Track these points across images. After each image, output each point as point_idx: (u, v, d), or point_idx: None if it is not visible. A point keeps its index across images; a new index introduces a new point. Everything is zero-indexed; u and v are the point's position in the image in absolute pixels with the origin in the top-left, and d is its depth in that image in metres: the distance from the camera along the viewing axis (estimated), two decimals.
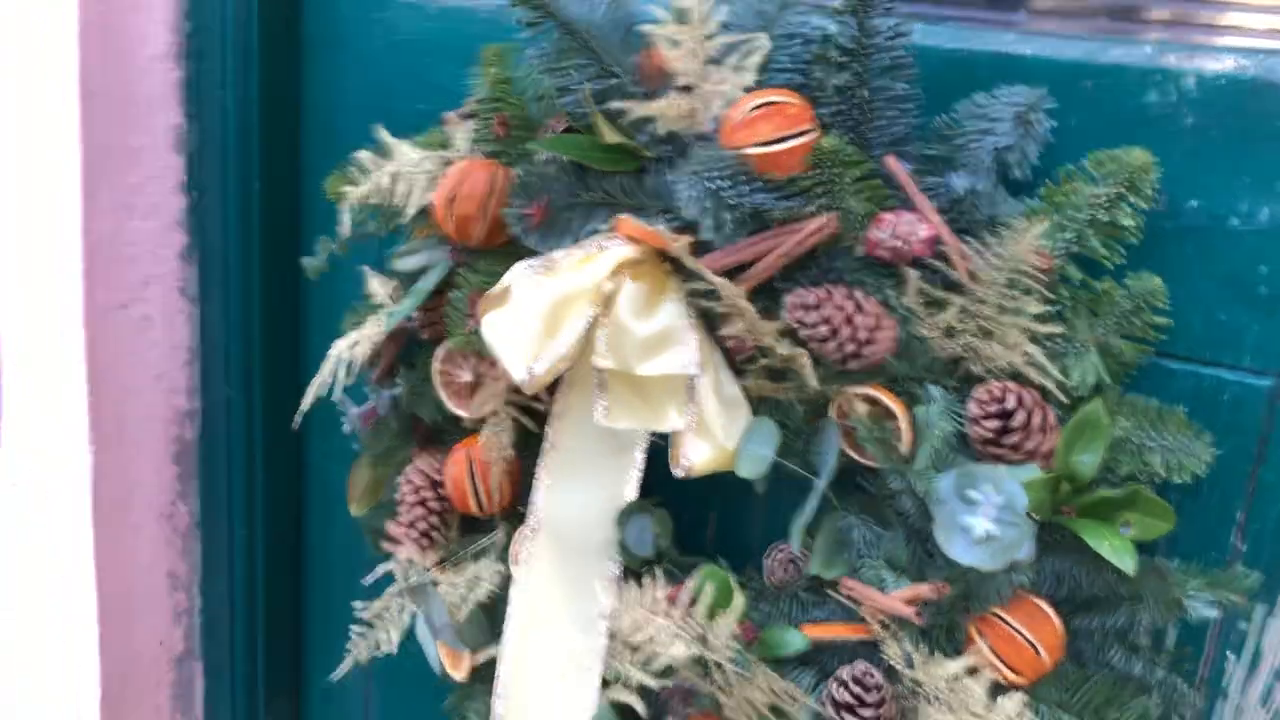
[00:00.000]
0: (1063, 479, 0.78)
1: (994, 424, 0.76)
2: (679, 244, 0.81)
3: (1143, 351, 0.79)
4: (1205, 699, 0.85)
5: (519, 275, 0.84)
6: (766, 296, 0.82)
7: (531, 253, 0.89)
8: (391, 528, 1.08)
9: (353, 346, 1.04)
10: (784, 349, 0.81)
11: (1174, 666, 0.84)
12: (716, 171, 0.79)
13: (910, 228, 0.77)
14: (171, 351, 1.25)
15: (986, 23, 0.87)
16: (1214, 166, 0.79)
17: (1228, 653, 0.84)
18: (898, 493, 0.81)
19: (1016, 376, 0.78)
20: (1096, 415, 0.77)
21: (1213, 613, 0.75)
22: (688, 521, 1.02)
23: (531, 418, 0.99)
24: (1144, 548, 0.81)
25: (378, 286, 1.04)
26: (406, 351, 1.05)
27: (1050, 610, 0.81)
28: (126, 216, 1.17)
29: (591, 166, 0.85)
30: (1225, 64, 0.78)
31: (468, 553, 1.04)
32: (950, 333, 0.78)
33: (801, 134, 0.79)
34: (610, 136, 0.83)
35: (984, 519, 0.72)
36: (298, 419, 1.18)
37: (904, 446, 0.80)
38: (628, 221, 0.83)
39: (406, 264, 1.01)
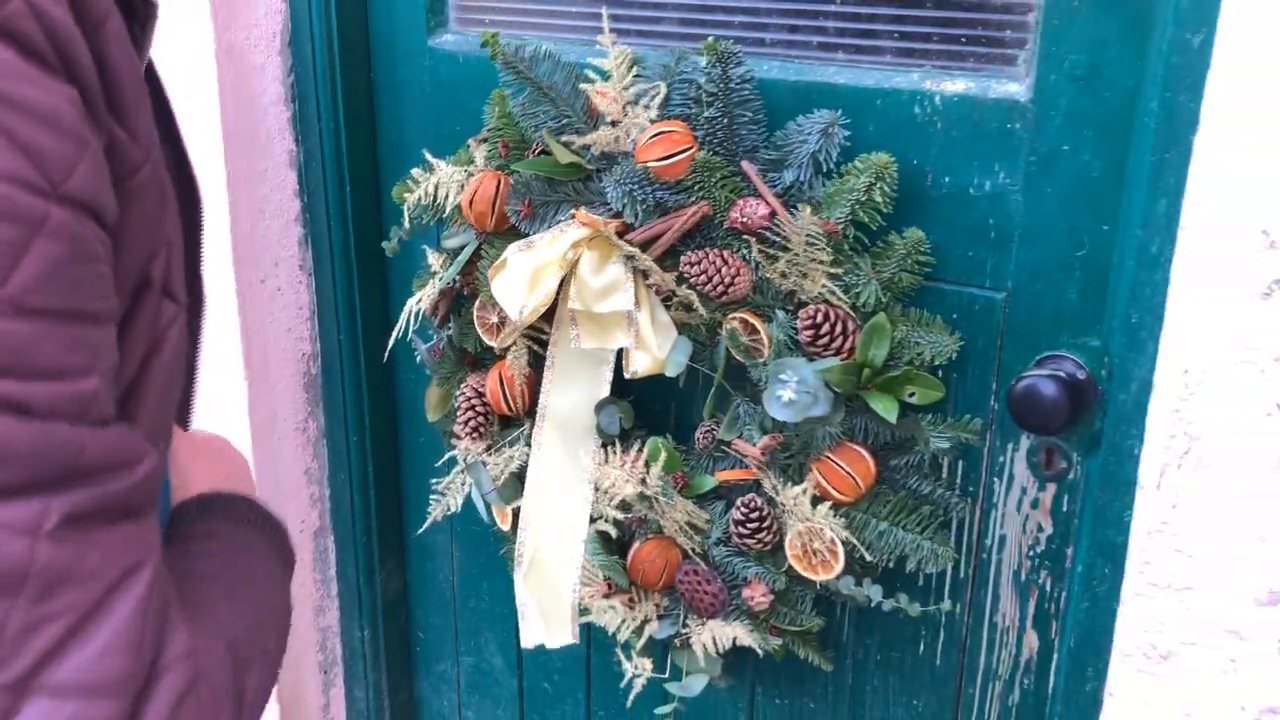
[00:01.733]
0: (863, 366, 1.18)
1: (810, 333, 1.17)
2: (611, 226, 1.23)
3: (917, 280, 1.19)
4: (983, 510, 1.26)
5: (511, 251, 1.28)
6: (670, 257, 1.24)
7: (525, 235, 1.32)
8: (455, 427, 1.52)
9: (419, 301, 1.48)
10: (680, 290, 1.23)
11: (962, 489, 1.25)
12: (631, 179, 1.21)
13: (755, 208, 1.18)
14: (297, 311, 1.70)
15: (817, 60, 1.25)
16: (957, 155, 1.17)
17: (994, 477, 1.24)
18: (759, 380, 1.23)
19: (827, 301, 1.19)
20: (882, 323, 1.17)
21: (946, 445, 1.16)
22: (656, 410, 1.45)
23: (539, 345, 1.43)
24: (931, 409, 1.22)
25: (433, 259, 1.46)
26: (455, 303, 1.45)
27: (865, 452, 1.22)
28: (259, 217, 1.62)
29: (555, 177, 1.27)
30: (959, 86, 1.17)
31: (505, 440, 1.48)
32: (784, 275, 1.18)
33: (684, 151, 1.19)
34: (565, 157, 1.25)
35: (788, 390, 1.14)
36: (386, 354, 1.64)
37: (765, 350, 1.22)
38: (581, 212, 1.26)
39: (451, 243, 1.44)
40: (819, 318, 1.16)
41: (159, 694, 0.57)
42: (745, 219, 1.18)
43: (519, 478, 1.45)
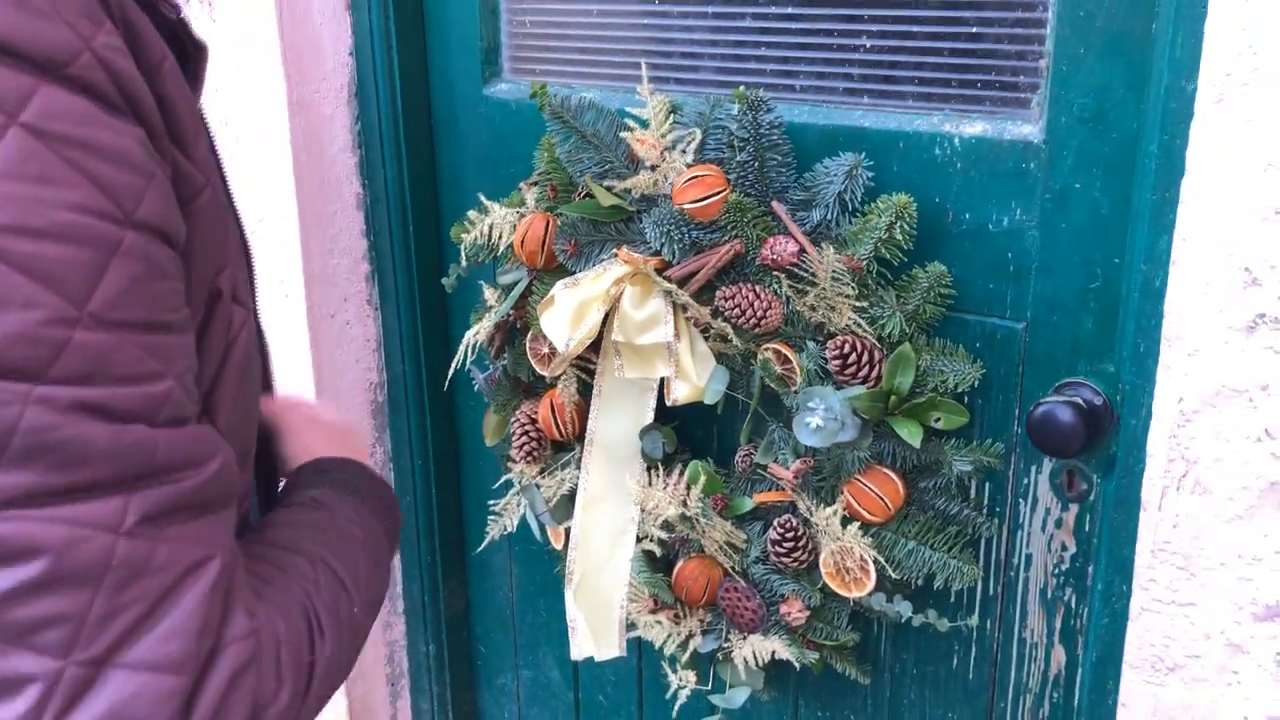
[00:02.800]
0: (890, 393, 1.25)
1: (839, 362, 1.24)
2: (650, 264, 1.32)
3: (941, 311, 1.25)
4: (1010, 530, 1.32)
5: (559, 288, 1.37)
6: (706, 292, 1.32)
7: (572, 272, 1.41)
8: (510, 452, 1.61)
9: (476, 334, 1.58)
10: (716, 323, 1.31)
11: (989, 510, 1.31)
12: (669, 220, 1.30)
13: (784, 246, 1.26)
14: (365, 343, 1.82)
15: (844, 104, 1.33)
16: (976, 193, 1.24)
17: (1020, 498, 1.30)
18: (792, 407, 1.30)
19: (854, 332, 1.26)
20: (907, 352, 1.24)
21: (968, 468, 1.22)
22: (697, 435, 1.53)
23: (587, 374, 1.52)
24: (957, 434, 1.28)
25: (489, 294, 1.56)
26: (509, 335, 1.56)
27: (894, 474, 1.28)
28: (329, 256, 1.74)
29: (599, 219, 1.36)
30: (977, 128, 1.23)
31: (557, 463, 1.57)
32: (813, 308, 1.26)
33: (718, 193, 1.27)
34: (607, 200, 1.34)
35: (816, 418, 1.21)
36: (447, 383, 1.74)
37: (797, 379, 1.30)
38: (623, 251, 1.35)
39: (505, 279, 1.53)
40: (846, 348, 1.23)
41: (217, 670, 0.65)
42: (776, 256, 1.25)
43: (570, 499, 1.53)
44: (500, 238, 1.48)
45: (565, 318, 1.34)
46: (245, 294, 0.83)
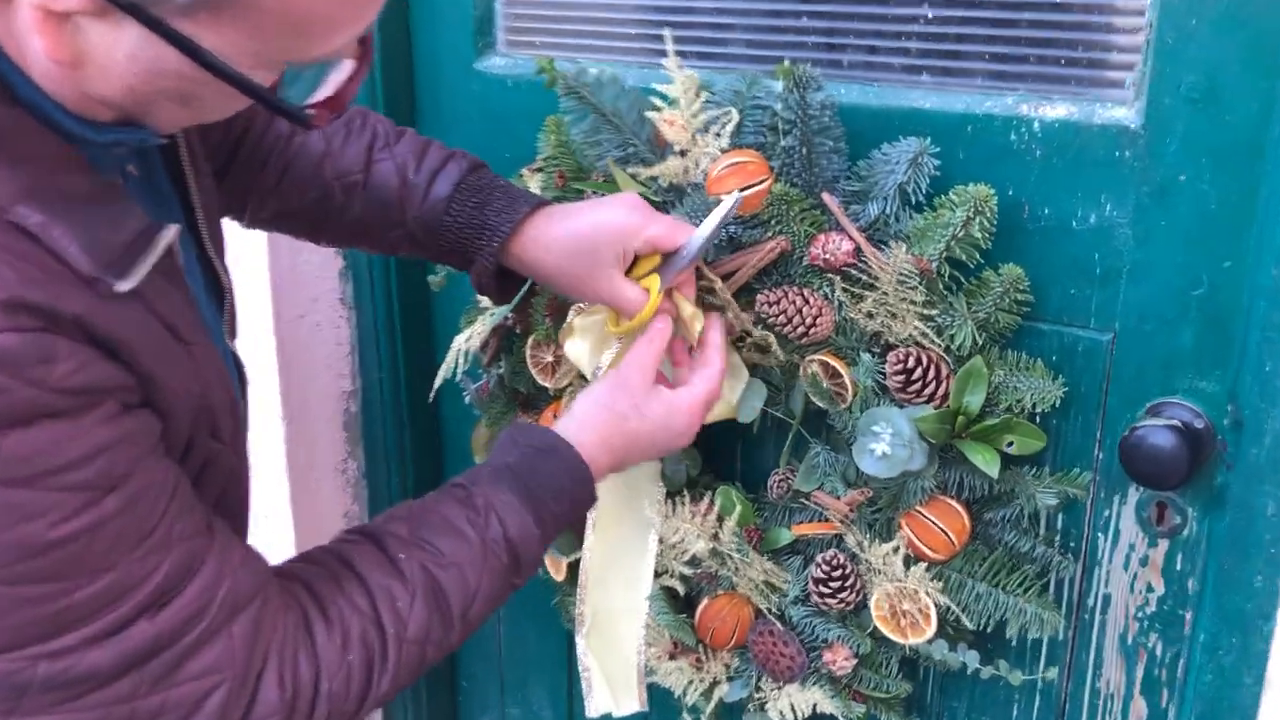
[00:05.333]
0: (958, 413, 1.09)
1: (900, 378, 1.08)
2: None
3: (1016, 319, 1.10)
4: (1085, 567, 1.16)
5: (572, 314, 1.20)
6: (745, 295, 1.16)
7: None
8: None
9: (468, 339, 1.40)
10: (757, 332, 1.15)
11: (1063, 545, 1.16)
12: (703, 213, 1.13)
13: (837, 244, 1.09)
14: (337, 347, 1.63)
15: (900, 83, 1.17)
16: (1058, 185, 1.08)
17: (1099, 533, 1.15)
18: (844, 428, 1.14)
19: (918, 344, 1.10)
20: (978, 367, 1.08)
21: (1053, 501, 1.06)
22: (723, 456, 1.36)
23: None
24: (1030, 460, 1.13)
25: None
26: (506, 341, 1.39)
27: (959, 506, 1.13)
28: (299, 251, 1.54)
29: None
30: (1060, 111, 1.08)
31: None
32: (870, 315, 1.10)
33: (760, 183, 1.11)
34: (630, 189, 1.17)
35: (882, 444, 1.04)
36: (432, 394, 1.56)
37: (849, 395, 1.13)
38: None
39: None
40: (910, 361, 1.07)
41: None
42: (828, 256, 1.09)
43: (576, 528, 1.36)
44: None
45: (589, 343, 1.17)
46: (226, 431, 0.87)
